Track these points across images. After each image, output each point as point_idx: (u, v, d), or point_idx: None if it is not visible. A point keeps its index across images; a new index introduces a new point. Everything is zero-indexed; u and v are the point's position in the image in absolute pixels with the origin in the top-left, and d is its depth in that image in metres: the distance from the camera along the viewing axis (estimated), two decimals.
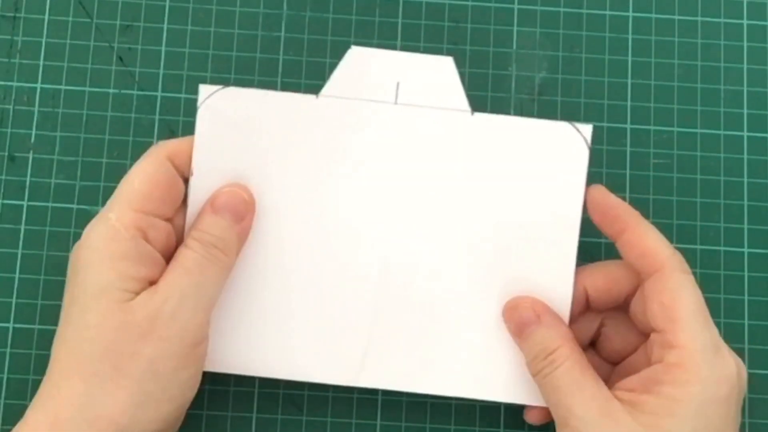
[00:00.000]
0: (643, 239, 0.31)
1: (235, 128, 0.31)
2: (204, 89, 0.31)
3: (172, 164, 0.31)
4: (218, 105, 0.31)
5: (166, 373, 0.28)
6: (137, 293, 0.29)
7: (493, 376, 0.31)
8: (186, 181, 0.32)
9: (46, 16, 0.38)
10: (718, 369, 0.29)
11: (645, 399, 0.28)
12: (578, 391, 0.29)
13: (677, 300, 0.30)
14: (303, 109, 0.31)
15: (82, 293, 0.29)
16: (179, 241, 0.31)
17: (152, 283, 0.30)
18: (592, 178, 0.38)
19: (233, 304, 0.31)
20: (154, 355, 0.28)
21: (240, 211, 0.31)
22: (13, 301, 0.36)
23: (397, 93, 0.31)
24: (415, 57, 0.32)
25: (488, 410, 0.35)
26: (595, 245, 0.37)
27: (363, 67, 0.31)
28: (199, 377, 0.31)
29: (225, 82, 0.38)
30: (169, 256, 0.31)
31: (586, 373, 0.30)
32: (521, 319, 0.31)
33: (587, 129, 0.32)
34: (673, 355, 0.29)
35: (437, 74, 0.31)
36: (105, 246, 0.29)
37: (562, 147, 0.31)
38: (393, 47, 0.38)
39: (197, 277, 0.29)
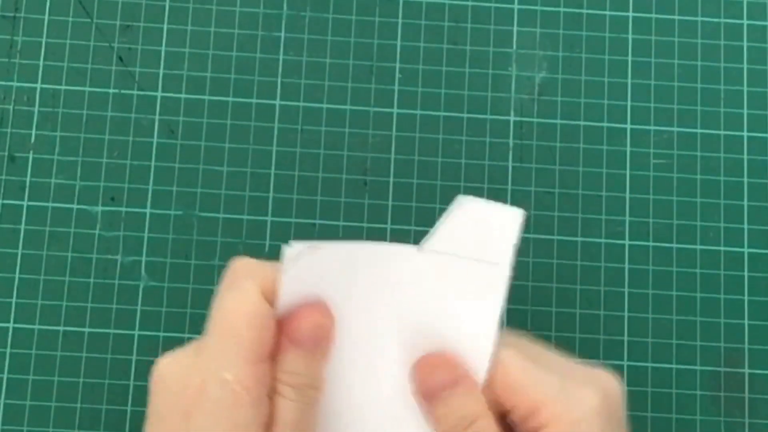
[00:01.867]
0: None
1: (323, 287, 0.28)
2: (290, 253, 0.27)
3: (266, 299, 0.26)
4: (304, 264, 0.27)
5: None
6: None
7: None
8: None
9: (46, 16, 0.38)
10: (579, 407, 0.26)
11: None
12: None
13: (507, 374, 0.27)
14: (399, 264, 0.28)
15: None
16: None
17: None
18: (593, 178, 0.38)
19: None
20: None
21: (321, 339, 0.27)
22: (13, 301, 0.36)
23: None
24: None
25: None
26: (595, 245, 0.37)
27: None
28: None
29: (225, 83, 0.38)
30: None
31: None
32: (435, 380, 0.27)
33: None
34: (536, 420, 0.26)
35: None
36: (227, 416, 0.25)
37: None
38: (393, 47, 0.38)
39: (302, 427, 0.26)
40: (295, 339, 0.27)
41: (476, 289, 0.28)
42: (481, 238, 0.28)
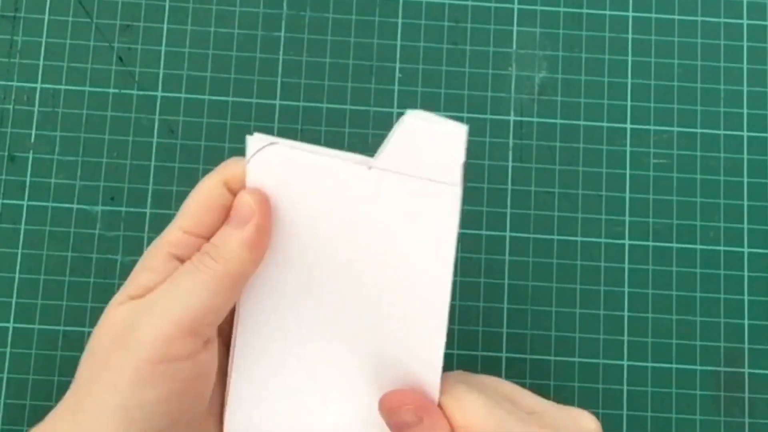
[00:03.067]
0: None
1: (280, 187, 0.28)
2: (252, 142, 0.28)
3: (228, 188, 0.28)
4: (266, 162, 0.28)
5: (125, 389, 0.26)
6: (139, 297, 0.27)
7: None
8: None
9: (46, 16, 0.38)
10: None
11: None
12: None
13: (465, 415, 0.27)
14: (350, 181, 0.28)
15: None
16: None
17: None
18: (593, 178, 0.38)
19: (257, 370, 0.29)
20: (120, 365, 0.26)
21: (244, 217, 0.28)
22: (13, 301, 0.36)
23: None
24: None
25: None
26: (595, 245, 0.37)
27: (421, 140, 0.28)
28: (173, 405, 0.27)
29: (225, 83, 0.38)
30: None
31: None
32: (402, 420, 0.28)
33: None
34: None
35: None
36: (146, 257, 0.28)
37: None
38: (393, 47, 0.38)
39: (175, 286, 0.27)
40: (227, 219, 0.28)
41: (430, 210, 0.28)
42: (428, 155, 0.27)
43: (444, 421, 0.28)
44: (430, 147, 0.27)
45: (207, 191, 0.28)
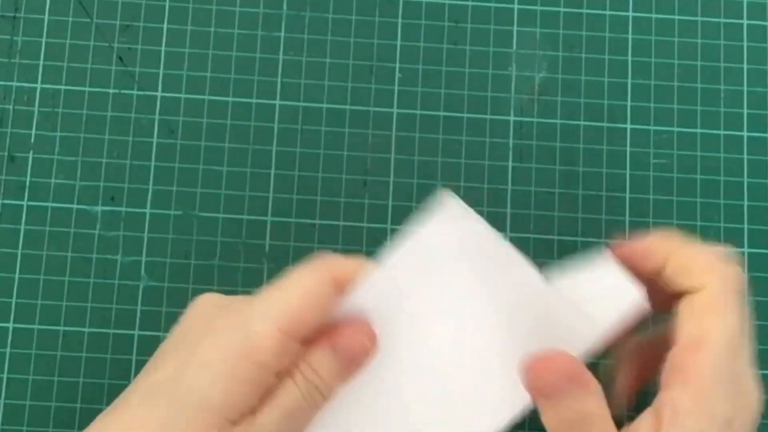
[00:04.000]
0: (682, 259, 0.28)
1: (447, 253, 0.28)
2: (448, 202, 0.28)
3: (334, 287, 0.27)
4: (449, 219, 0.28)
5: None
6: (236, 422, 0.26)
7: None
8: None
9: (46, 16, 0.38)
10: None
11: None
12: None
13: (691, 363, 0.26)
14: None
15: (187, 391, 0.26)
16: None
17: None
18: (593, 178, 0.38)
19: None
20: None
21: (356, 359, 0.28)
22: (13, 301, 0.36)
23: None
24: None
25: None
26: (595, 245, 0.37)
27: None
28: None
29: (225, 83, 0.38)
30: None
31: None
32: (556, 382, 0.26)
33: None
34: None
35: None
36: (235, 361, 0.26)
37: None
38: (393, 47, 0.38)
39: (293, 420, 0.27)
40: (334, 342, 0.27)
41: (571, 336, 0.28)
42: (598, 298, 0.28)
43: (596, 390, 0.27)
44: (604, 293, 0.29)
45: (317, 286, 0.26)
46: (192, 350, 0.26)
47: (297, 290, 0.26)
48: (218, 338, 0.26)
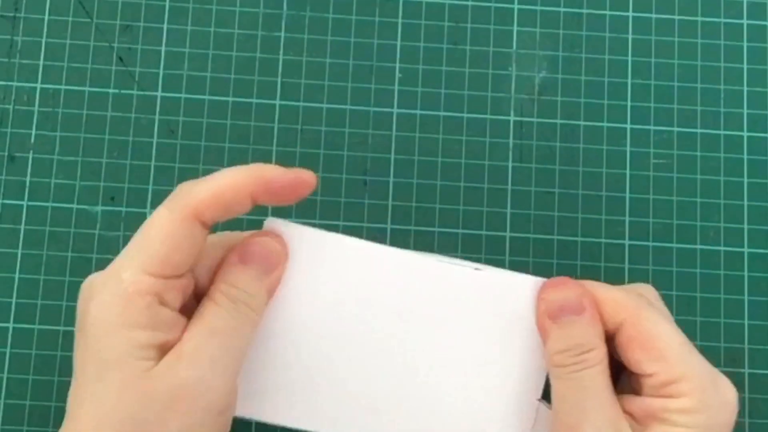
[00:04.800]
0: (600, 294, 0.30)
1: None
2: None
3: (199, 221, 0.27)
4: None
5: None
6: (157, 360, 0.26)
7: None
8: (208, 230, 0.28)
9: (46, 16, 0.38)
10: (720, 395, 0.28)
11: (650, 425, 0.27)
12: (599, 398, 0.28)
13: (657, 339, 0.28)
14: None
15: (97, 360, 0.26)
16: (199, 287, 0.28)
17: (172, 345, 0.26)
18: (593, 178, 0.38)
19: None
20: (181, 427, 0.25)
21: (271, 263, 0.29)
22: (13, 301, 0.36)
23: None
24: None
25: None
26: (595, 245, 0.37)
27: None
28: None
29: (225, 83, 0.38)
30: (189, 309, 0.28)
31: (610, 385, 0.28)
32: (564, 303, 0.29)
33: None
34: (675, 388, 0.27)
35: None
36: (117, 313, 0.26)
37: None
38: (393, 47, 0.38)
39: (226, 338, 0.27)
40: (243, 255, 0.28)
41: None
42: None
43: (599, 325, 0.29)
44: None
45: (177, 226, 0.27)
46: (83, 319, 0.26)
47: (158, 233, 0.26)
48: (98, 300, 0.26)
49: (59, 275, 0.36)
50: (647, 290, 0.31)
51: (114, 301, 0.26)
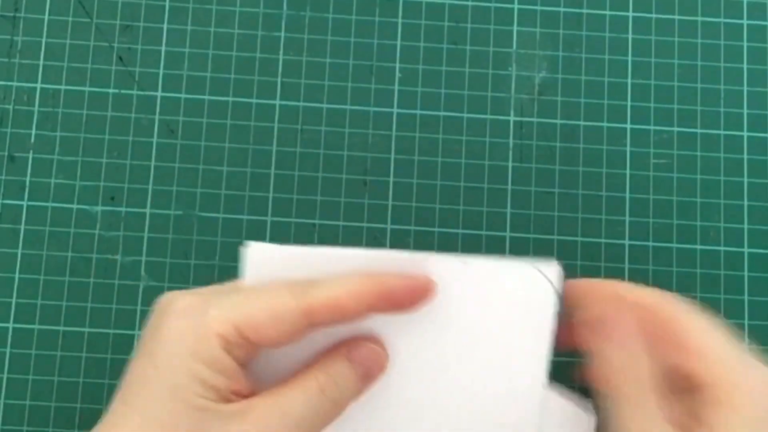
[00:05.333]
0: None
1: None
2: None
3: (309, 322, 0.26)
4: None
5: None
6: (216, 401, 0.26)
7: None
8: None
9: (46, 16, 0.38)
10: (760, 384, 0.27)
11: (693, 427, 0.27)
12: (645, 406, 0.27)
13: (695, 345, 0.28)
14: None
15: (157, 377, 0.26)
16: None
17: (226, 393, 0.26)
18: (593, 178, 0.38)
19: None
20: None
21: (373, 374, 0.28)
22: (13, 301, 0.36)
23: None
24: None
25: None
26: (595, 245, 0.37)
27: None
28: None
29: (225, 83, 0.38)
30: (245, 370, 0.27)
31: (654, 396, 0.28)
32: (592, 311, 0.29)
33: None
34: (710, 393, 0.27)
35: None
36: (191, 342, 0.26)
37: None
38: (393, 47, 0.38)
39: (297, 421, 0.26)
40: (352, 355, 0.27)
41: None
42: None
43: (632, 329, 0.28)
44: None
45: (289, 315, 0.26)
46: (155, 332, 0.26)
47: (266, 303, 0.26)
48: (178, 320, 0.26)
49: (59, 275, 0.36)
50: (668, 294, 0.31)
51: (191, 330, 0.26)
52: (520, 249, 0.37)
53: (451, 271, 0.29)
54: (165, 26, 0.38)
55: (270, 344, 0.26)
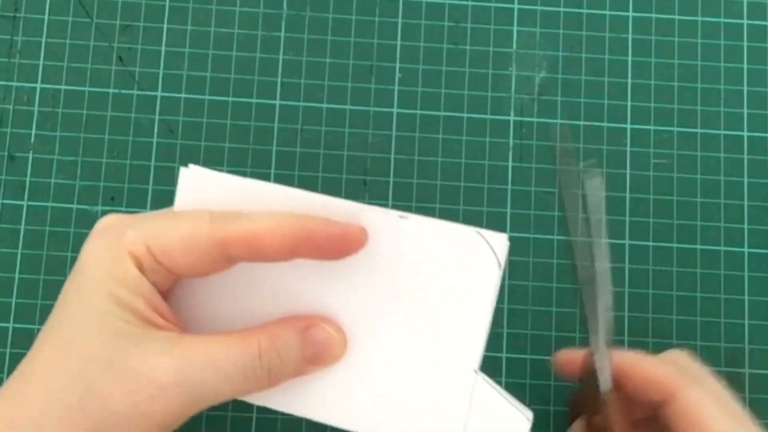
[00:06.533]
0: (643, 370, 0.30)
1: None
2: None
3: (224, 252, 0.25)
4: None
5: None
6: (136, 325, 0.25)
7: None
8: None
9: (46, 16, 0.38)
10: None
11: None
12: None
13: (700, 422, 0.28)
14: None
15: (77, 300, 0.25)
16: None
17: (146, 316, 0.25)
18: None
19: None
20: (124, 408, 0.24)
21: (321, 361, 0.27)
22: (13, 301, 0.36)
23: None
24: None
25: None
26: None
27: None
28: None
29: (225, 83, 0.38)
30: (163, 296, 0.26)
31: None
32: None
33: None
34: None
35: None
36: (108, 262, 0.25)
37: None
38: (393, 47, 0.38)
39: (221, 376, 0.25)
40: (308, 333, 0.26)
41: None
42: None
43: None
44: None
45: (202, 243, 0.25)
46: (79, 257, 0.26)
47: (181, 231, 0.25)
48: (97, 240, 0.26)
49: (59, 275, 0.36)
50: (681, 357, 0.31)
51: (107, 249, 0.25)
52: (520, 249, 0.37)
53: (388, 225, 0.26)
54: (165, 26, 0.38)
55: (183, 272, 0.25)
